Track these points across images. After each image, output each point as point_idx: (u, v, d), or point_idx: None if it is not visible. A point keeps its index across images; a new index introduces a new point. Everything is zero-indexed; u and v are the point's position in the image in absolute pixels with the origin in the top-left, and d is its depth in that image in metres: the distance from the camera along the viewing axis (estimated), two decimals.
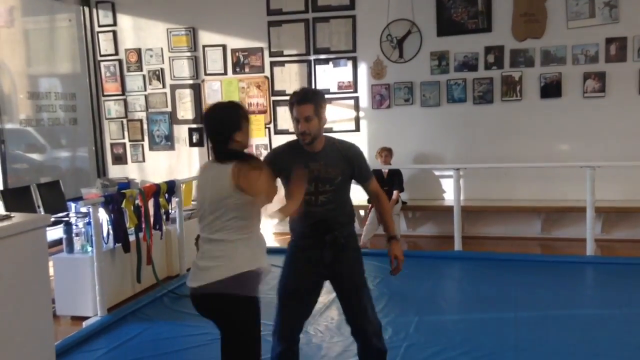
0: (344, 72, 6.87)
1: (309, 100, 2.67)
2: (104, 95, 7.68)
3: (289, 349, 2.82)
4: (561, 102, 6.28)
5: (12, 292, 2.66)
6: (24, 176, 6.66)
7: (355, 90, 6.87)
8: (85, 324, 4.23)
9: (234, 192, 2.31)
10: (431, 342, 3.67)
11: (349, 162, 2.74)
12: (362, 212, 6.82)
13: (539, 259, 5.64)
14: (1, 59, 6.43)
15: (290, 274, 2.80)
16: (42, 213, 6.07)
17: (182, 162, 7.50)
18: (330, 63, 6.89)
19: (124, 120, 7.67)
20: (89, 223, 4.45)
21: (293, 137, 2.82)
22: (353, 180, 2.83)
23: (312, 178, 2.68)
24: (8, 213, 2.88)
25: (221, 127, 2.42)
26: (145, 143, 7.64)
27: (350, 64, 6.84)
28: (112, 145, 7.76)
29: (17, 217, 2.84)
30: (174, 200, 5.32)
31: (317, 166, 2.69)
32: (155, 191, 4.99)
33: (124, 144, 7.72)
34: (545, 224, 6.46)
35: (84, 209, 4.83)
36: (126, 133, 7.68)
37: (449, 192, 6.49)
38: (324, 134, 2.76)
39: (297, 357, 2.89)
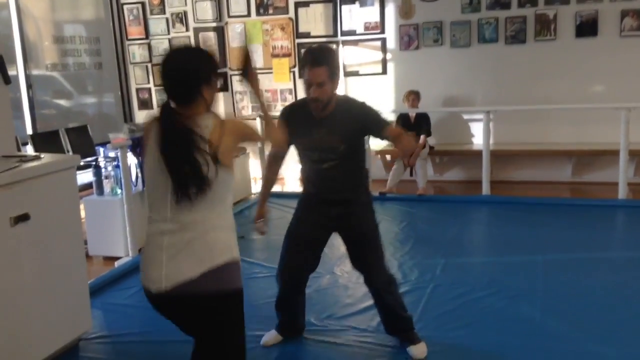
0: (371, 12, 6.67)
1: (324, 62, 2.50)
2: (127, 40, 7.62)
3: (290, 295, 2.88)
4: (597, 41, 6.02)
5: (45, 232, 2.71)
6: (52, 121, 6.71)
7: (383, 31, 6.68)
8: (117, 264, 4.34)
9: (208, 157, 1.81)
10: (458, 283, 3.67)
11: (358, 123, 2.61)
12: (388, 157, 6.76)
13: (569, 202, 5.54)
14: (25, 4, 6.39)
15: (299, 222, 2.81)
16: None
17: None
18: (357, 2, 6.68)
19: (149, 65, 7.62)
20: (117, 166, 4.50)
21: None
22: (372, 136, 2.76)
23: (315, 147, 2.64)
24: (37, 153, 2.90)
25: (187, 77, 1.86)
26: None
27: (377, 3, 6.62)
28: (137, 90, 7.75)
29: (47, 157, 2.86)
30: None
31: (319, 134, 2.60)
32: None
33: (149, 89, 7.70)
34: (576, 168, 6.33)
35: (112, 153, 4.87)
36: (151, 78, 7.66)
37: (478, 136, 6.37)
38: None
39: (300, 307, 2.96)
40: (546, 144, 6.25)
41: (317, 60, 2.51)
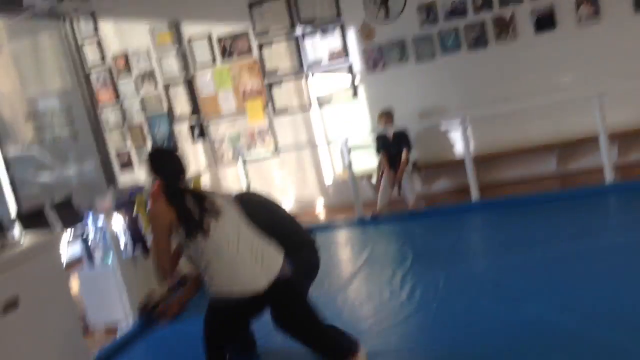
0: (333, 41, 6.75)
1: None
2: (99, 104, 7.64)
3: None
4: (557, 33, 6.12)
5: (37, 316, 2.66)
6: (37, 199, 6.66)
7: (348, 57, 6.76)
8: (119, 332, 4.26)
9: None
10: (462, 294, 3.64)
11: None
12: (373, 179, 6.77)
13: (558, 195, 5.55)
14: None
15: None
16: (62, 230, 6.11)
17: (188, 159, 7.45)
18: (318, 34, 6.77)
19: (124, 128, 7.63)
20: (104, 235, 4.45)
21: (295, 116, 2.82)
22: None
23: None
24: (18, 239, 2.86)
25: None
26: (149, 147, 7.61)
27: (337, 31, 6.71)
28: (117, 154, 7.74)
29: (27, 240, 2.82)
30: None
31: None
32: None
33: (128, 152, 7.70)
34: (560, 159, 6.36)
35: (100, 221, 4.82)
36: (129, 141, 7.66)
37: (458, 144, 6.40)
38: None
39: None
40: (527, 139, 6.29)
41: None
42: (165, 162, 2.81)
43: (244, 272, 2.64)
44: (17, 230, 5.64)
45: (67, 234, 5.98)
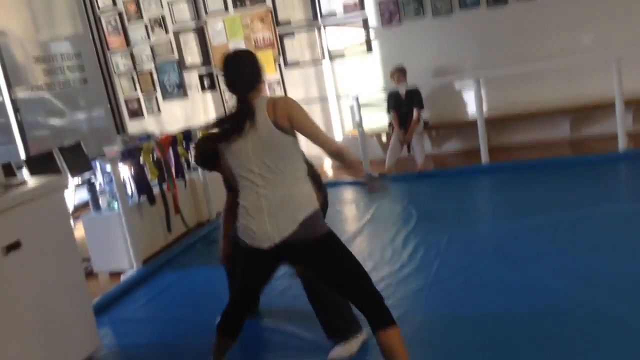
0: None
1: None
2: (109, 50, 7.56)
3: None
4: None
5: (39, 258, 2.68)
6: (45, 142, 6.68)
7: (363, 9, 6.58)
8: (122, 277, 4.32)
9: (282, 132, 2.24)
10: (464, 255, 3.64)
11: None
12: (383, 138, 6.71)
13: (569, 160, 5.46)
14: (6, 28, 6.33)
15: None
16: (68, 175, 6.15)
17: (197, 109, 7.42)
18: None
19: (134, 74, 7.57)
20: (111, 180, 4.46)
21: (307, 69, 2.69)
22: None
23: None
24: (23, 179, 2.87)
25: (252, 75, 2.34)
26: (158, 94, 7.56)
27: None
28: (126, 101, 7.70)
29: (32, 181, 2.83)
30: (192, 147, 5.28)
31: None
32: (171, 142, 4.95)
33: (137, 99, 7.65)
34: (574, 124, 6.24)
35: (108, 167, 4.83)
36: (138, 86, 7.60)
37: (471, 104, 6.28)
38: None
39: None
40: (541, 103, 6.16)
41: None
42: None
43: (254, 223, 2.27)
44: (25, 174, 5.72)
45: (75, 179, 6.04)
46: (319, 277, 2.38)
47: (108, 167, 4.86)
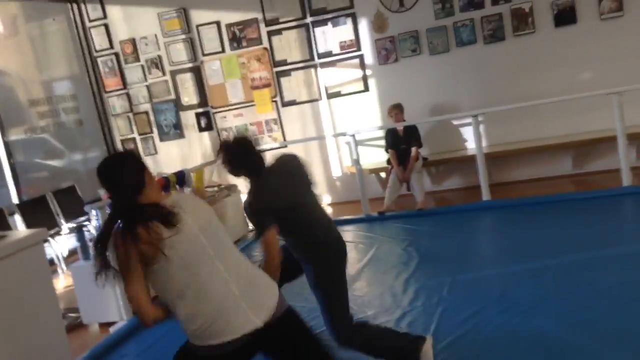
0: (345, 31, 6.55)
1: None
2: (105, 92, 7.53)
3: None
4: (577, 28, 5.88)
5: (19, 312, 2.55)
6: (40, 185, 6.59)
7: (359, 49, 6.56)
8: (112, 329, 4.15)
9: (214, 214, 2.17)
10: (467, 302, 3.47)
11: None
12: (382, 175, 6.61)
13: (572, 197, 5.32)
14: (6, 68, 6.31)
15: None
16: (62, 221, 6.04)
17: (194, 149, 7.35)
18: (329, 23, 6.57)
19: (130, 115, 7.52)
20: (98, 227, 4.34)
21: (304, 107, 2.62)
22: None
23: None
24: (4, 233, 2.75)
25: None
26: (155, 135, 7.50)
27: (349, 21, 6.51)
28: (122, 141, 7.64)
29: (12, 235, 2.71)
30: (186, 190, 5.18)
31: None
32: (164, 184, 4.85)
33: (134, 139, 7.59)
34: (576, 160, 6.14)
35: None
36: (134, 127, 7.55)
37: (471, 140, 6.19)
38: None
39: None
40: (542, 139, 6.07)
41: None
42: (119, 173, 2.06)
43: (227, 313, 2.00)
44: (17, 218, 5.61)
45: (68, 225, 5.93)
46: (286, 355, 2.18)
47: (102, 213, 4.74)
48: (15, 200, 6.08)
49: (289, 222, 2.62)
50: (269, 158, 2.78)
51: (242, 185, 6.27)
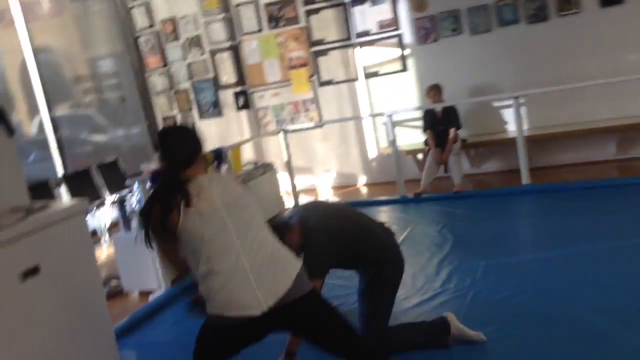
0: (383, 10, 6.47)
1: None
2: (147, 70, 7.66)
3: None
4: (624, 8, 5.65)
5: (58, 283, 2.65)
6: (84, 159, 6.79)
7: (398, 28, 6.47)
8: (151, 298, 4.29)
9: (246, 194, 2.26)
10: (500, 286, 3.44)
11: None
12: (419, 156, 6.56)
13: (616, 182, 5.18)
14: (42, 48, 6.49)
15: None
16: (106, 193, 6.23)
17: (232, 128, 7.43)
18: (368, 2, 6.50)
19: (171, 93, 7.64)
20: (140, 200, 4.46)
21: (341, 87, 2.60)
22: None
23: None
24: (45, 202, 2.85)
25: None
26: (195, 112, 7.60)
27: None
28: (163, 119, 7.78)
29: (55, 205, 2.81)
30: (223, 167, 5.25)
31: None
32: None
33: (174, 116, 7.72)
34: (620, 144, 5.95)
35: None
36: (175, 105, 7.67)
37: (511, 122, 6.06)
38: None
39: None
40: (585, 122, 5.89)
41: None
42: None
43: (233, 284, 2.10)
44: (63, 191, 5.81)
45: (111, 197, 6.11)
46: (310, 338, 2.25)
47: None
48: (60, 173, 6.28)
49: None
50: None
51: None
